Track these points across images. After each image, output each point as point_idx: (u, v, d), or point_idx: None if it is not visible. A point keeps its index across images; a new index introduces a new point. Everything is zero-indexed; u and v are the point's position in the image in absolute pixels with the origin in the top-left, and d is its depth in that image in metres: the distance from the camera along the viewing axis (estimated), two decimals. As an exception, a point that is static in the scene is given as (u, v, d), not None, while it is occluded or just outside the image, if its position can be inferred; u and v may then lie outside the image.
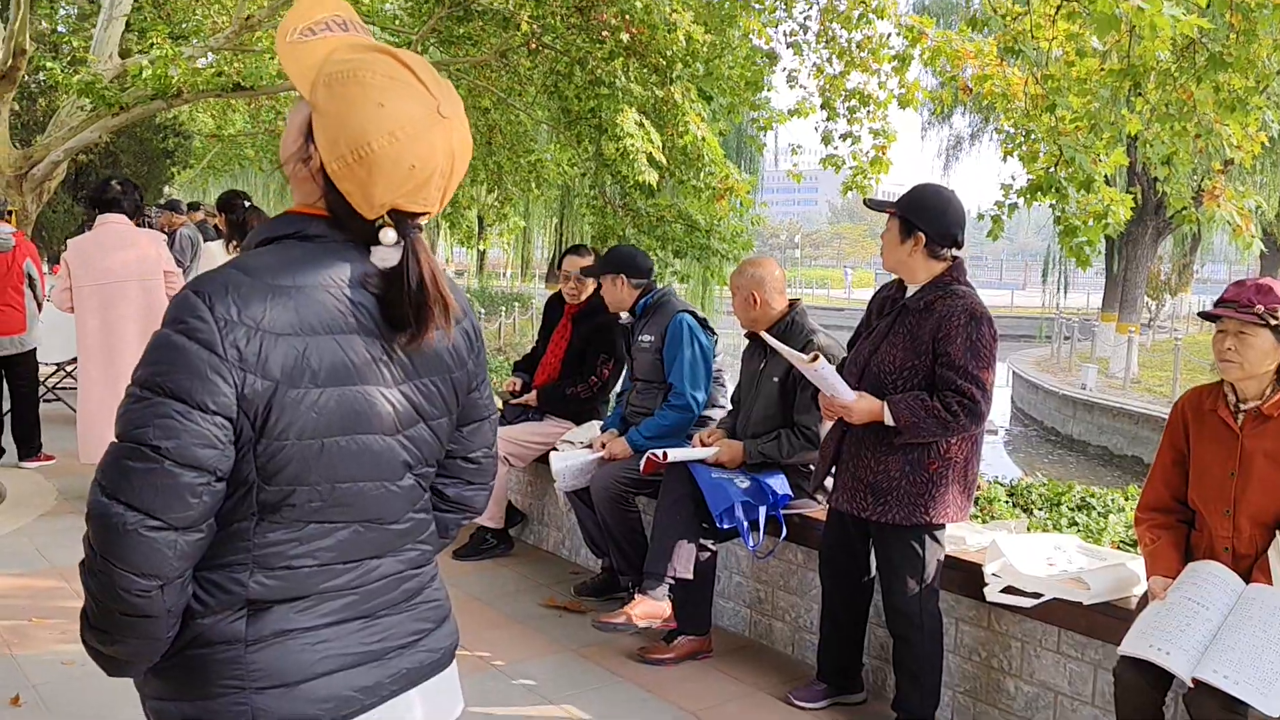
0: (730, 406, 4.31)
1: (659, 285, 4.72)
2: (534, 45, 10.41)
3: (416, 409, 1.34)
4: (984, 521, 4.32)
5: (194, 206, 9.85)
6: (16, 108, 12.78)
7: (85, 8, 14.19)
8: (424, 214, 1.32)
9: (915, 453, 3.21)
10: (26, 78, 12.01)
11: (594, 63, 10.10)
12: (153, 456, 1.14)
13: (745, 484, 3.79)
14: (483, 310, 19.49)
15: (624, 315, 4.61)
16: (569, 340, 5.18)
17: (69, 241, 5.46)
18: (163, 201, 12.93)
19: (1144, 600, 2.87)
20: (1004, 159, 6.57)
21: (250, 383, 1.17)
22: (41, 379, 6.50)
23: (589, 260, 5.17)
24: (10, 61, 11.20)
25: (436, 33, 10.65)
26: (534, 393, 5.18)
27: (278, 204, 26.06)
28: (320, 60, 1.27)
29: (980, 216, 6.90)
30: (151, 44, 12.85)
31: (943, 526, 3.32)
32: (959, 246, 3.25)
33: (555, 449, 4.63)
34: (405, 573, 1.38)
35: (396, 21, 11.90)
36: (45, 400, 6.43)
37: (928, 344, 3.17)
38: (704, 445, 3.98)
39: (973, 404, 3.10)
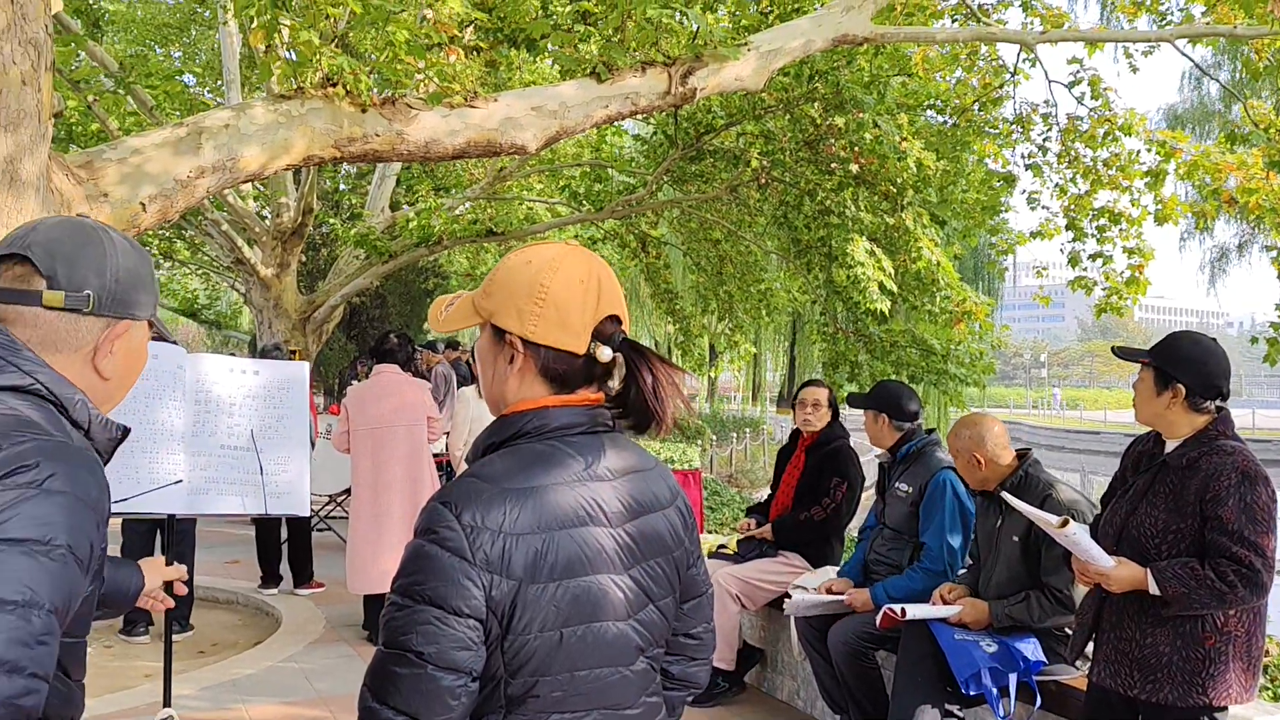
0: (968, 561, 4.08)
1: (921, 430, 4.57)
2: (764, 179, 10.68)
3: (645, 592, 1.39)
4: (1276, 697, 3.81)
5: (452, 345, 10.65)
6: (303, 258, 14.40)
7: (362, 167, 15.93)
8: (619, 319, 1.44)
9: (1187, 626, 2.88)
10: (311, 231, 13.54)
11: (823, 193, 10.21)
12: (416, 662, 1.22)
13: (992, 648, 3.54)
14: (714, 436, 19.61)
15: (880, 452, 4.54)
16: (802, 469, 5.14)
17: (348, 390, 6.03)
18: (424, 342, 14.06)
19: None
20: (1278, 276, 6.05)
21: (497, 584, 1.24)
22: (314, 509, 7.12)
23: (825, 393, 5.17)
24: (300, 219, 12.71)
25: (670, 172, 11.14)
26: (768, 526, 5.14)
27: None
28: (467, 303, 1.48)
29: (1254, 340, 6.33)
30: (417, 197, 14.23)
31: (1225, 709, 2.95)
32: (1224, 398, 2.97)
33: (789, 595, 4.54)
34: None
35: (633, 164, 12.56)
36: (317, 530, 7.01)
37: (1194, 505, 2.87)
38: (944, 602, 3.77)
39: (1252, 573, 2.76)
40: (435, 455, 8.33)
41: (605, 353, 1.40)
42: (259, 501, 2.64)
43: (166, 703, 2.77)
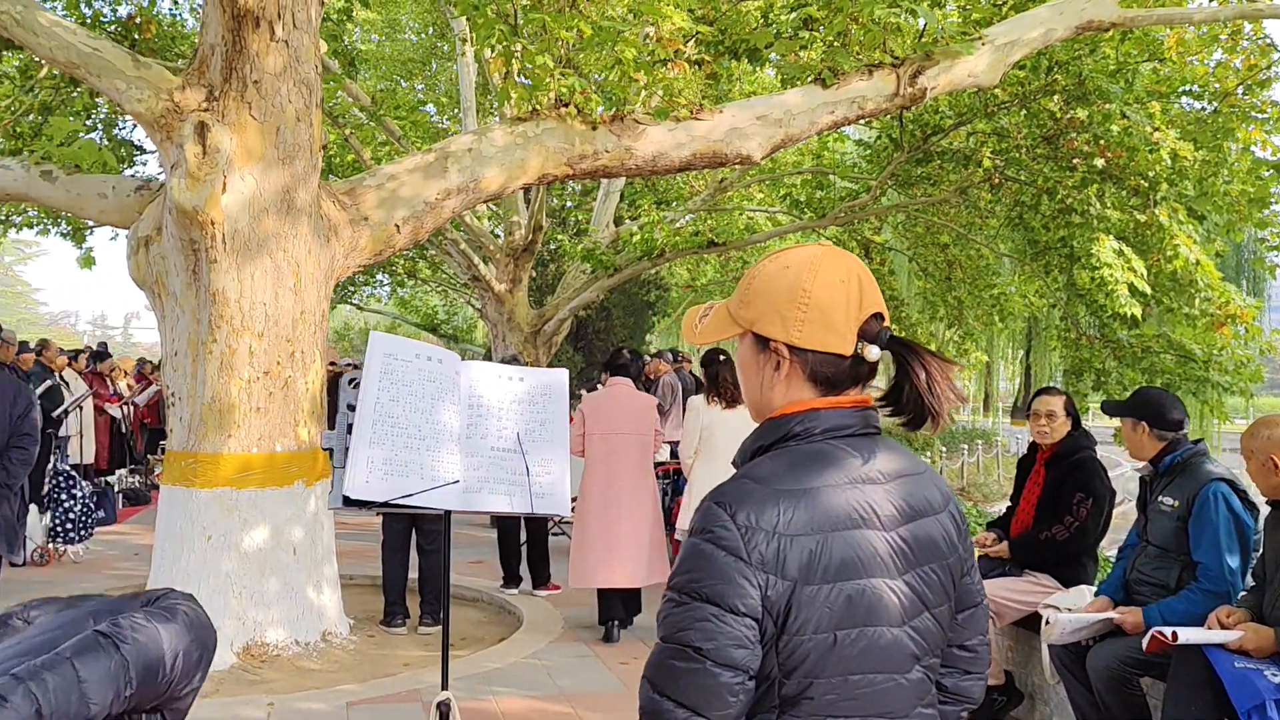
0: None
1: (1185, 439, 4.21)
2: (997, 179, 10.20)
3: (920, 598, 1.35)
4: None
5: (676, 355, 10.84)
6: (533, 274, 15.05)
7: (587, 184, 16.50)
8: (882, 316, 1.40)
9: None
10: (540, 247, 14.13)
11: (1064, 191, 9.62)
12: (695, 657, 1.23)
13: (1278, 677, 3.20)
14: (944, 448, 18.88)
15: (1141, 465, 4.22)
16: (1042, 485, 4.83)
17: (584, 395, 6.25)
18: (653, 351, 14.37)
19: None
20: None
21: (772, 584, 1.24)
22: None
23: (1060, 401, 4.84)
24: (531, 236, 13.31)
25: (894, 176, 10.86)
26: (1005, 544, 4.87)
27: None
28: (723, 313, 1.46)
29: None
30: (639, 211, 14.56)
31: None
32: None
33: (1041, 615, 4.28)
34: None
35: (855, 169, 12.33)
36: (552, 534, 7.29)
37: None
38: (1221, 626, 3.44)
39: None
40: (658, 464, 8.49)
41: (873, 351, 1.37)
42: (525, 501, 2.78)
43: (444, 686, 2.96)
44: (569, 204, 18.31)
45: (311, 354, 5.37)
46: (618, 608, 5.55)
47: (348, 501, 2.65)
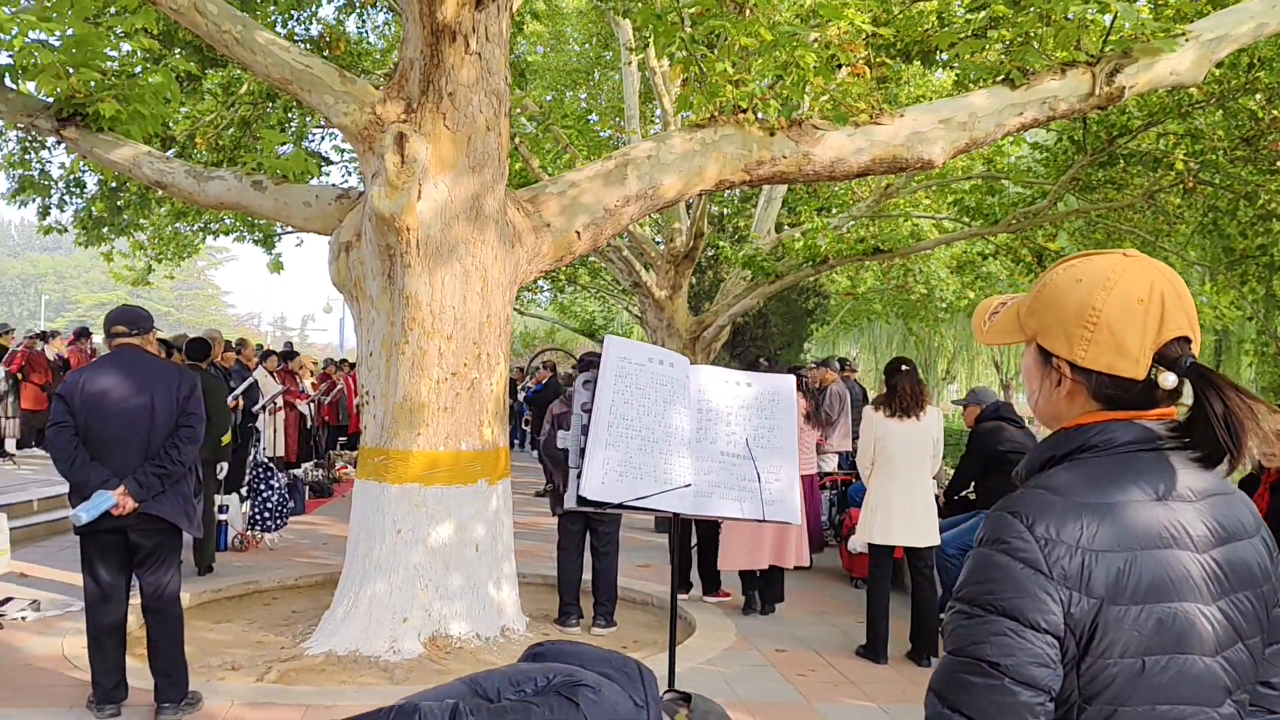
0: None
1: None
2: (1189, 183, 9.62)
3: (1235, 627, 1.25)
4: None
5: (844, 364, 10.69)
6: (692, 280, 15.10)
7: (745, 191, 16.43)
8: (1187, 339, 1.28)
9: None
10: (700, 254, 14.15)
11: (1266, 195, 9.00)
12: (991, 673, 1.18)
13: None
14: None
15: None
16: (1267, 509, 4.52)
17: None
18: (817, 359, 14.19)
19: None
20: None
21: (1076, 601, 1.17)
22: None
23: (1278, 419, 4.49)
24: (692, 243, 13.36)
25: (1075, 180, 10.37)
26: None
27: (898, 354, 26.98)
28: (1012, 316, 1.39)
29: None
30: (801, 218, 14.40)
31: None
32: None
33: None
34: None
35: (1030, 173, 11.85)
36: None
37: None
38: None
39: None
40: (824, 474, 8.36)
41: (1169, 379, 1.26)
42: (756, 508, 2.77)
43: (670, 685, 2.98)
44: (728, 210, 18.31)
45: (496, 356, 5.53)
46: (756, 581, 6.24)
47: (582, 502, 2.70)
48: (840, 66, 6.74)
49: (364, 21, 11.99)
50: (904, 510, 5.17)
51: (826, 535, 8.07)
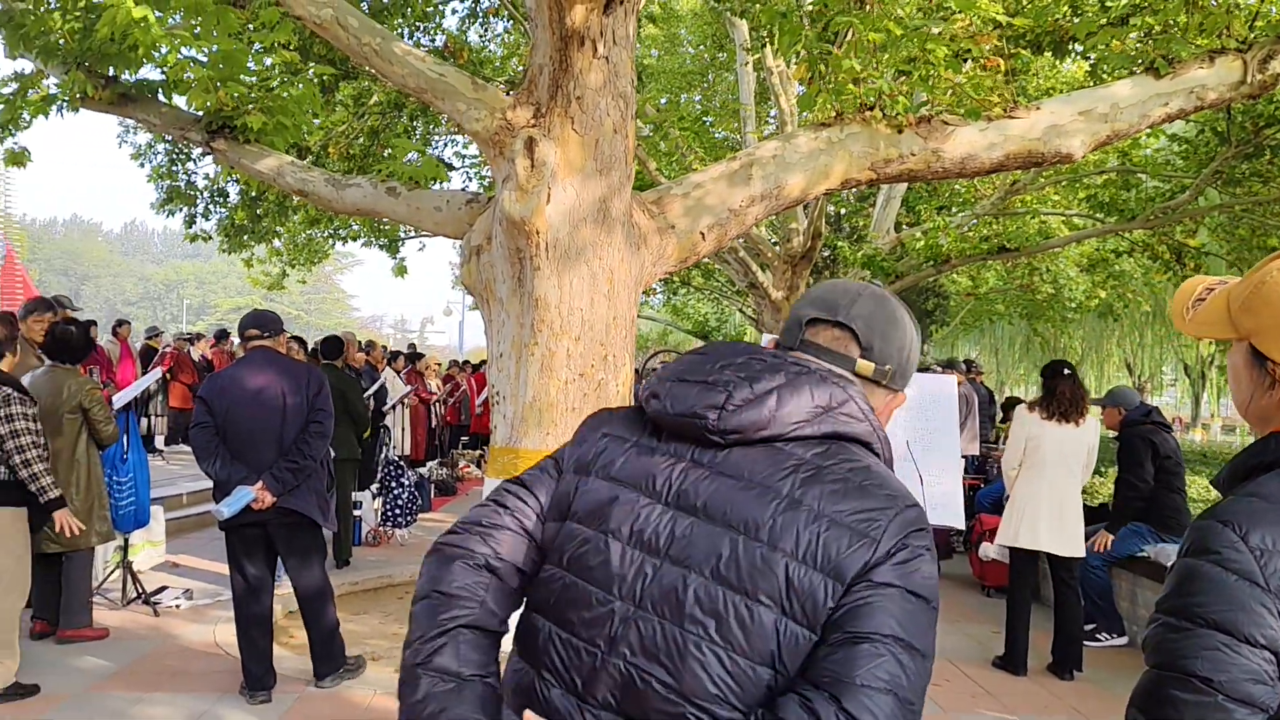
0: None
1: None
2: (1347, 175, 9.06)
3: None
4: None
5: (970, 365, 10.43)
6: (810, 281, 14.93)
7: (863, 190, 16.16)
8: None
9: None
10: (817, 254, 13.98)
11: None
12: (1203, 689, 1.12)
13: None
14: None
15: None
16: None
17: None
18: (940, 361, 13.88)
19: None
20: None
21: None
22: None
23: None
24: (809, 243, 13.21)
25: (1218, 174, 9.86)
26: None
27: (1022, 356, 26.18)
28: (1220, 308, 1.31)
29: None
30: (920, 217, 14.08)
31: None
32: None
33: None
34: None
35: (1168, 166, 11.33)
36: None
37: None
38: None
39: None
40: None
41: None
42: None
43: None
44: (846, 210, 18.05)
45: (622, 358, 5.57)
46: None
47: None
48: (969, 59, 6.56)
49: (485, 30, 12.26)
50: (1052, 516, 4.99)
51: (954, 542, 7.87)
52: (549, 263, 5.38)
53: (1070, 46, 7.76)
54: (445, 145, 13.23)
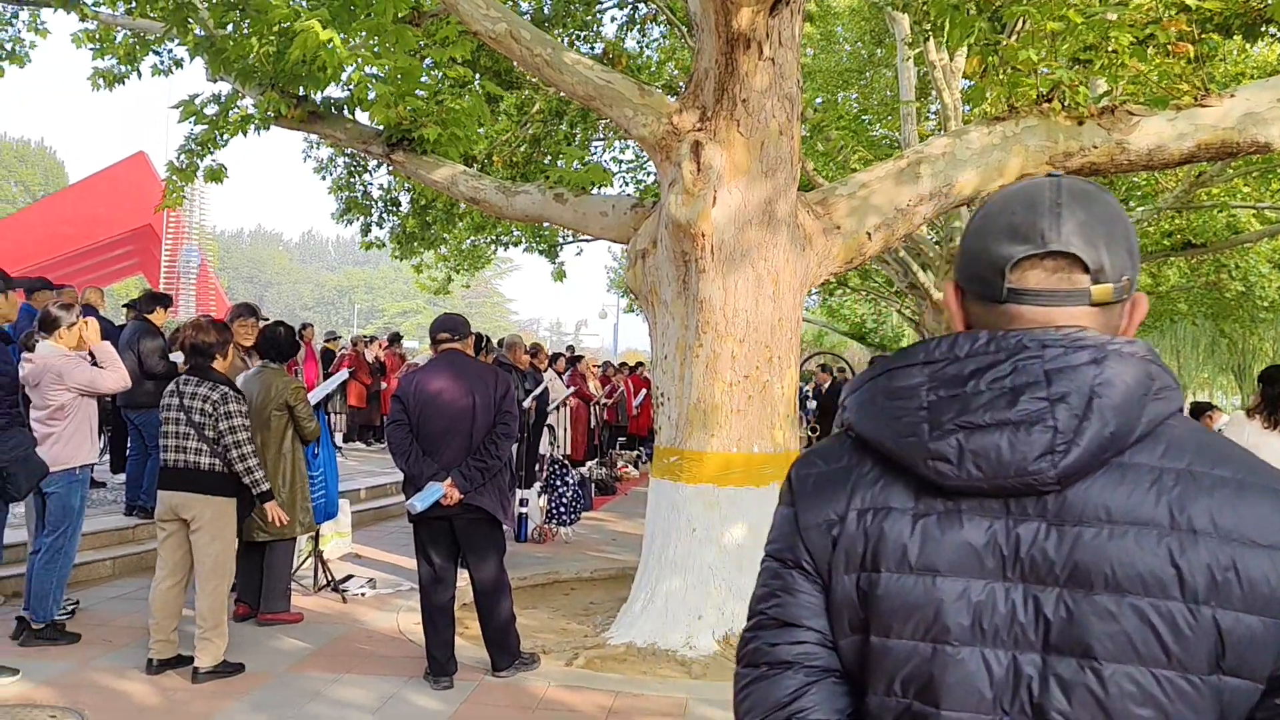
0: None
1: None
2: None
3: None
4: None
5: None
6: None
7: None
8: None
9: None
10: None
11: None
12: None
13: None
14: None
15: None
16: None
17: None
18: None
19: None
20: None
21: None
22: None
23: None
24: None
25: None
26: None
27: (1206, 358, 24.60)
28: None
29: None
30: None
31: None
32: None
33: None
34: None
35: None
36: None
37: None
38: None
39: None
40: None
41: None
42: None
43: None
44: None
45: (787, 359, 5.55)
46: None
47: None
48: (1153, 46, 6.23)
49: (643, 36, 12.42)
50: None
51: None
52: (714, 265, 5.42)
53: (1264, 29, 7.25)
54: (603, 151, 13.46)
